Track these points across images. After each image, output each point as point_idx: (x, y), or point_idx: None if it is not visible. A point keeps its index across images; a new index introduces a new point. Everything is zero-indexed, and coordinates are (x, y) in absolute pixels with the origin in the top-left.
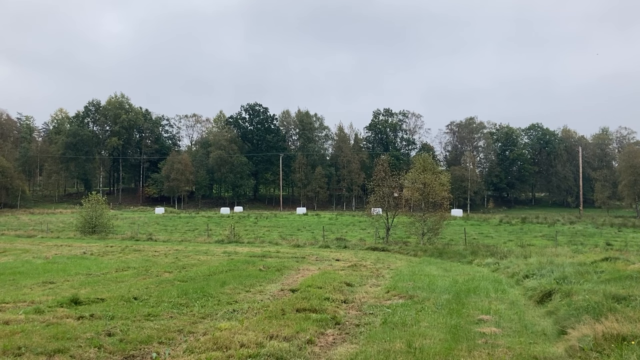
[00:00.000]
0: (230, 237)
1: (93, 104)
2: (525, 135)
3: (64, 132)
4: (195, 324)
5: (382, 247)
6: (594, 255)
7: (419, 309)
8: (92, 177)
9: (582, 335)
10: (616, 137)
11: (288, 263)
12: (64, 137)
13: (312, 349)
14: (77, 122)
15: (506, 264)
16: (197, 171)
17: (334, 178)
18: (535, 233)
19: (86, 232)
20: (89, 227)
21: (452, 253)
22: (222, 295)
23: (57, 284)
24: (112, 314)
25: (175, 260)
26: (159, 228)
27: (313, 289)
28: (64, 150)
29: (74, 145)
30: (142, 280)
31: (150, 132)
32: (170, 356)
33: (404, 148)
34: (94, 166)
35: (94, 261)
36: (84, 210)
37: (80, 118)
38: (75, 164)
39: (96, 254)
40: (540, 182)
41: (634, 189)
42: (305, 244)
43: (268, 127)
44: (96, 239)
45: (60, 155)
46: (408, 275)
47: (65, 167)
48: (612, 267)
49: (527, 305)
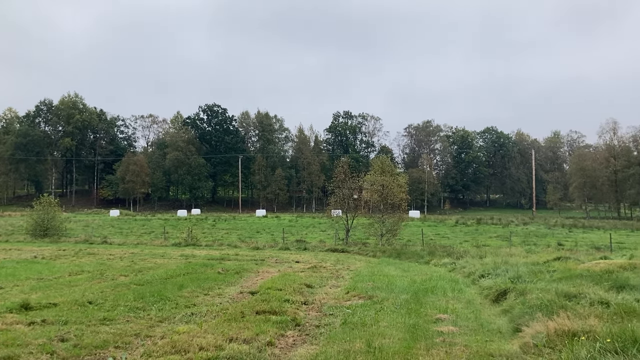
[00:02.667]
0: (187, 240)
1: (45, 103)
2: (480, 138)
3: (13, 132)
4: (152, 327)
5: (342, 249)
6: (547, 255)
7: (378, 309)
8: (44, 179)
9: (535, 332)
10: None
11: (247, 266)
12: (13, 137)
13: (272, 351)
14: (27, 122)
15: (462, 264)
16: (153, 173)
17: (294, 180)
18: (490, 234)
19: (37, 235)
20: (41, 230)
21: (410, 254)
22: (180, 298)
23: (6, 289)
24: (66, 319)
25: (131, 263)
26: (114, 231)
27: (273, 291)
28: (13, 150)
29: (24, 146)
30: (96, 284)
31: (105, 133)
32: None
33: (363, 150)
34: (46, 167)
35: (46, 265)
36: (35, 213)
37: (30, 118)
38: (25, 165)
39: (48, 257)
40: (495, 184)
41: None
42: (265, 246)
43: (227, 128)
44: (48, 243)
45: (9, 156)
46: (367, 275)
47: (15, 169)
48: (564, 266)
49: (483, 304)
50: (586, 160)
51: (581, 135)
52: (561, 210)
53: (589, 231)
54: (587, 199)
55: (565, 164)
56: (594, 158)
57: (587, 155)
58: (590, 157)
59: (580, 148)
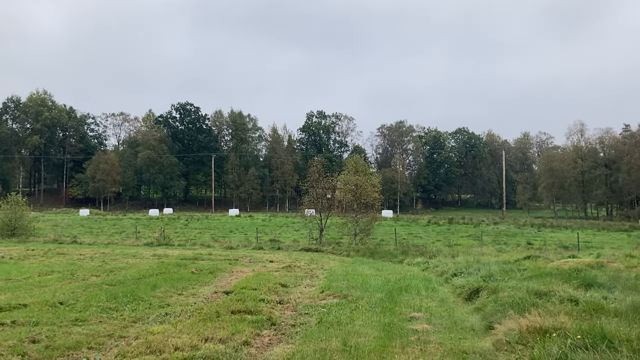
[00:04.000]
0: (160, 239)
1: (12, 100)
2: (452, 139)
3: None
4: (126, 328)
5: (316, 248)
6: (517, 254)
7: (354, 308)
8: (11, 177)
9: (508, 330)
10: (536, 142)
11: (221, 265)
12: None
13: (248, 350)
14: None
15: (435, 263)
16: (124, 172)
17: (268, 179)
18: (461, 233)
19: (4, 235)
20: (8, 230)
21: (383, 253)
22: (154, 298)
23: None
24: (37, 320)
25: (103, 263)
26: (84, 230)
27: (248, 290)
28: None
29: None
30: (67, 284)
31: (75, 131)
32: None
33: (337, 150)
34: (13, 166)
35: (14, 265)
36: (2, 212)
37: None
38: None
39: (16, 257)
40: (466, 184)
41: (552, 191)
42: (239, 245)
43: (200, 127)
44: (16, 242)
45: None
46: (342, 275)
47: None
48: (534, 265)
49: (456, 302)
50: (554, 161)
51: (550, 136)
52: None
53: (557, 230)
54: (555, 199)
55: (535, 164)
56: (562, 159)
57: (555, 156)
58: (559, 158)
59: (549, 149)
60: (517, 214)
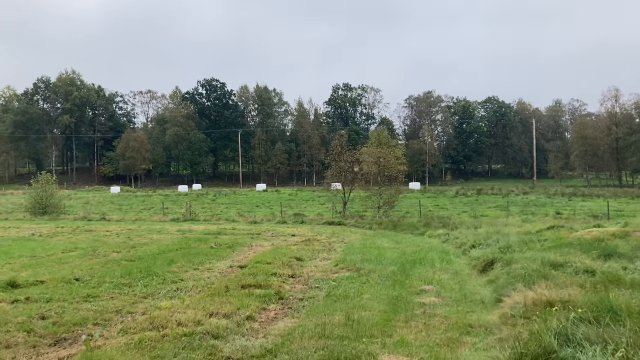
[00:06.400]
0: (186, 215)
1: (42, 80)
2: (482, 108)
3: (12, 110)
4: (135, 303)
5: (339, 222)
6: (541, 224)
7: (364, 282)
8: (44, 157)
9: (514, 303)
10: (568, 109)
11: (242, 240)
12: (12, 115)
13: (250, 325)
14: (25, 99)
15: (456, 234)
16: (153, 149)
17: (294, 154)
18: (489, 204)
19: (36, 213)
20: (40, 208)
21: (406, 225)
22: (168, 274)
23: None
24: (50, 297)
25: (127, 239)
26: (114, 207)
27: (262, 264)
28: (13, 129)
29: (24, 124)
30: (87, 261)
31: (104, 109)
32: (103, 337)
33: (364, 122)
34: (46, 145)
35: (41, 243)
36: (34, 191)
37: (29, 95)
38: (25, 143)
39: (45, 235)
40: (497, 154)
41: (585, 159)
42: (263, 220)
43: (226, 103)
44: (47, 220)
45: (9, 134)
46: (359, 248)
47: (15, 147)
48: (556, 235)
49: (470, 274)
50: (587, 128)
51: (583, 103)
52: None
53: (589, 199)
54: (588, 168)
55: (567, 132)
56: (595, 126)
57: (588, 124)
58: (592, 125)
59: (582, 116)
60: (549, 183)
